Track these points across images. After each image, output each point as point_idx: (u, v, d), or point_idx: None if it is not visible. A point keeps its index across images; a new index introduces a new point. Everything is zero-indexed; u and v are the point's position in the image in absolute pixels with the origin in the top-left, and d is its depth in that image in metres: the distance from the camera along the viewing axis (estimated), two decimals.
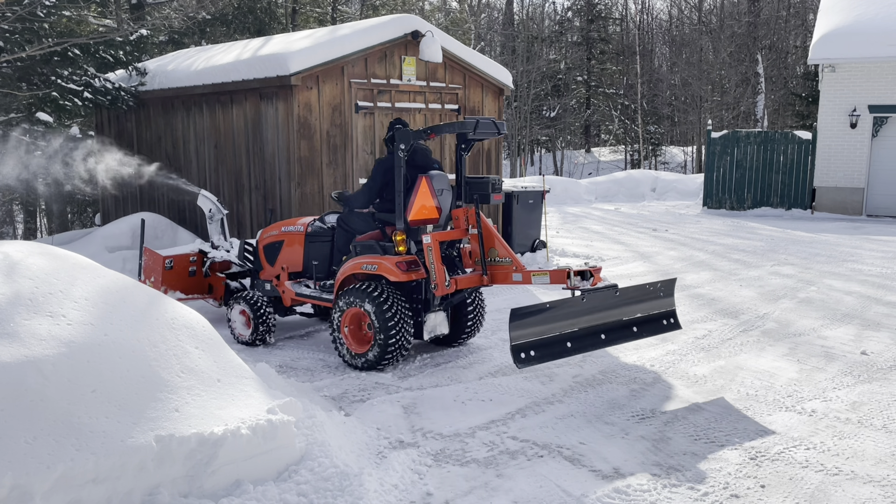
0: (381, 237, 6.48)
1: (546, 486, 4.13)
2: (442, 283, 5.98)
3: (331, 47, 9.42)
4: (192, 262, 7.86)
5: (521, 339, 5.14)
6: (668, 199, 21.61)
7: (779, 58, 33.25)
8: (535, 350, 5.18)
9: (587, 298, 5.41)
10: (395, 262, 6.02)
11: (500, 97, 11.71)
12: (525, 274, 5.97)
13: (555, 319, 5.30)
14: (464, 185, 6.45)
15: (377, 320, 5.97)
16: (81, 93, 11.02)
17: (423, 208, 6.21)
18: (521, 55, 33.24)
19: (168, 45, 16.73)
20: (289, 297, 7.07)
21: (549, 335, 5.27)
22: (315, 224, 7.10)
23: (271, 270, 7.30)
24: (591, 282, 5.57)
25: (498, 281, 6.17)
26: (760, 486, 4.13)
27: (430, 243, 5.99)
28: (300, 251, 7.09)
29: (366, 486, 3.87)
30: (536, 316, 5.22)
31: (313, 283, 6.98)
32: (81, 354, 3.66)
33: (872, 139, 16.87)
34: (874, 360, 6.32)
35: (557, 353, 5.34)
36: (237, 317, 7.12)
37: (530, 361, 5.17)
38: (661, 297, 5.96)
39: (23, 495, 3.09)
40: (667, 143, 38.41)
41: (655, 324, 5.92)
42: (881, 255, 11.46)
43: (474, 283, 6.24)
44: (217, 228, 8.04)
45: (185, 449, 3.61)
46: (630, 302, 5.73)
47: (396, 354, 6.10)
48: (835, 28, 16.91)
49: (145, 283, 7.50)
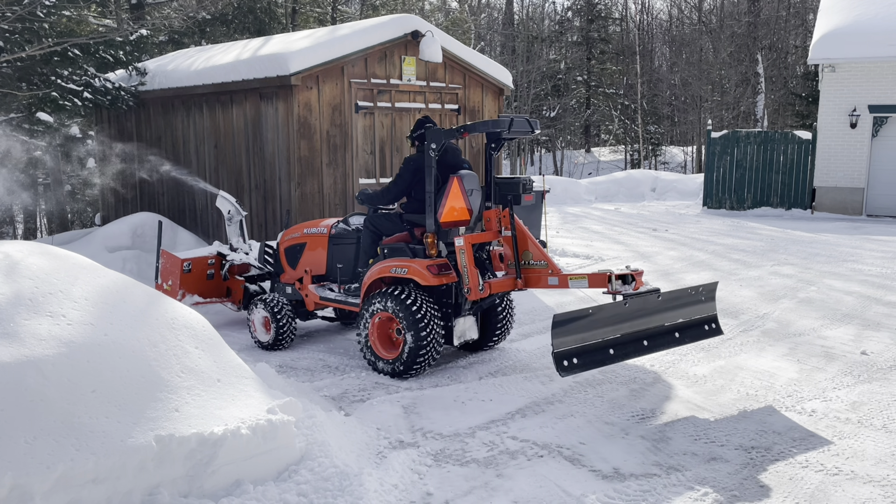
0: (410, 239, 6.28)
1: (546, 486, 4.13)
2: (475, 288, 5.79)
3: (331, 47, 9.42)
4: (211, 265, 7.67)
5: (563, 347, 4.93)
6: (667, 199, 21.60)
7: (779, 58, 33.25)
8: (577, 357, 4.97)
9: (629, 303, 5.21)
10: (426, 265, 5.83)
11: (500, 97, 11.71)
12: (562, 277, 5.76)
13: (597, 325, 5.09)
14: (493, 185, 6.27)
15: (408, 326, 5.77)
16: (81, 93, 11.02)
17: (454, 209, 6.02)
18: (521, 55, 33.25)
19: (168, 45, 16.74)
20: (312, 301, 6.88)
21: (591, 342, 5.06)
22: (339, 226, 6.92)
23: (293, 273, 7.12)
24: (633, 286, 5.35)
25: (532, 285, 5.97)
26: (760, 486, 4.13)
27: (463, 246, 5.80)
28: (323, 254, 6.91)
29: (366, 486, 3.87)
30: (579, 322, 5.00)
31: (337, 286, 6.79)
32: (81, 354, 3.66)
33: (872, 139, 16.86)
34: (874, 360, 6.32)
35: (600, 361, 5.12)
36: (258, 321, 6.96)
37: (573, 369, 4.95)
38: (703, 302, 5.75)
39: (23, 495, 3.09)
40: (667, 143, 38.41)
41: (697, 329, 5.71)
42: (881, 255, 11.46)
43: (508, 287, 6.04)
44: (236, 230, 7.84)
45: (185, 449, 3.61)
46: (672, 307, 5.52)
47: (427, 361, 5.89)
48: (835, 28, 16.90)
49: (162, 287, 7.41)
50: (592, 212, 18.64)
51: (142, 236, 10.32)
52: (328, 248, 6.88)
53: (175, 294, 7.35)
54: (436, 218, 5.92)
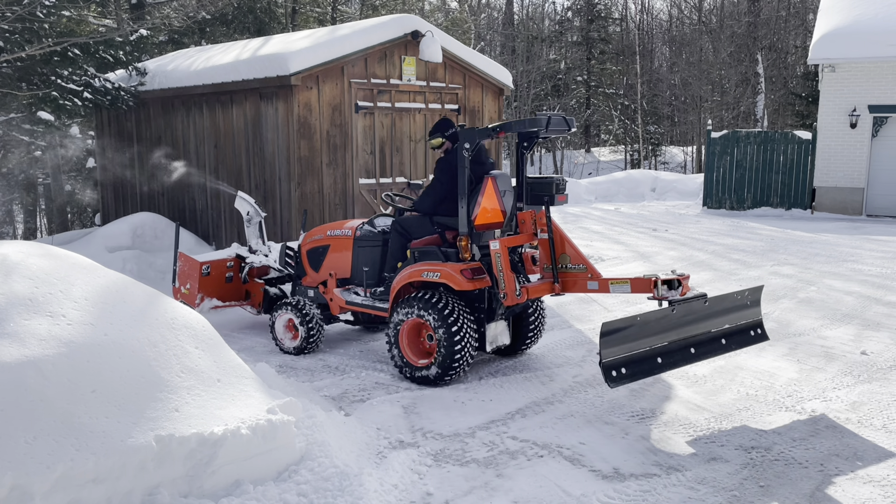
0: (441, 242, 6.08)
1: (546, 486, 4.13)
2: (512, 293, 5.56)
3: (331, 47, 9.42)
4: (229, 268, 7.48)
5: (612, 356, 4.74)
6: (667, 199, 21.60)
7: (779, 58, 33.26)
8: (625, 367, 4.79)
9: (677, 309, 5.01)
10: (460, 269, 5.63)
11: (500, 97, 11.71)
12: (602, 282, 5.52)
13: (645, 333, 4.91)
14: (525, 185, 6.06)
15: (441, 332, 5.60)
16: (81, 93, 11.02)
17: (487, 211, 5.83)
18: (521, 55, 33.24)
19: (168, 45, 16.73)
20: (337, 306, 6.66)
21: (639, 350, 4.88)
22: (364, 227, 6.72)
23: (315, 276, 6.93)
24: (679, 291, 5.15)
25: (570, 289, 5.74)
26: (760, 486, 4.13)
27: (499, 249, 5.57)
28: (348, 256, 6.72)
29: (366, 486, 3.87)
30: (627, 330, 4.82)
31: (363, 290, 6.58)
32: (81, 354, 3.66)
33: (872, 139, 16.86)
34: (874, 360, 6.32)
35: (648, 370, 4.93)
36: (283, 325, 6.78)
37: (622, 380, 4.77)
38: (749, 307, 5.56)
39: (23, 495, 3.09)
40: (667, 143, 38.41)
41: (743, 335, 5.51)
42: (881, 255, 11.45)
43: (545, 291, 5.78)
44: (255, 232, 7.64)
45: (185, 449, 3.61)
46: (719, 312, 5.32)
47: (461, 367, 5.72)
48: (835, 28, 16.90)
49: (180, 291, 7.25)
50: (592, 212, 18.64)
51: (142, 236, 10.32)
52: (353, 250, 6.69)
53: (193, 298, 7.19)
54: (469, 220, 5.74)
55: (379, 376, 6.11)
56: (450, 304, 5.65)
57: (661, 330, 5.00)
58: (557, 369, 6.18)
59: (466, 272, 5.63)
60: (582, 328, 7.54)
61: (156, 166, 11.14)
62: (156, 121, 11.36)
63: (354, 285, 6.73)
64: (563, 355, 6.59)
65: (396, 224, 6.37)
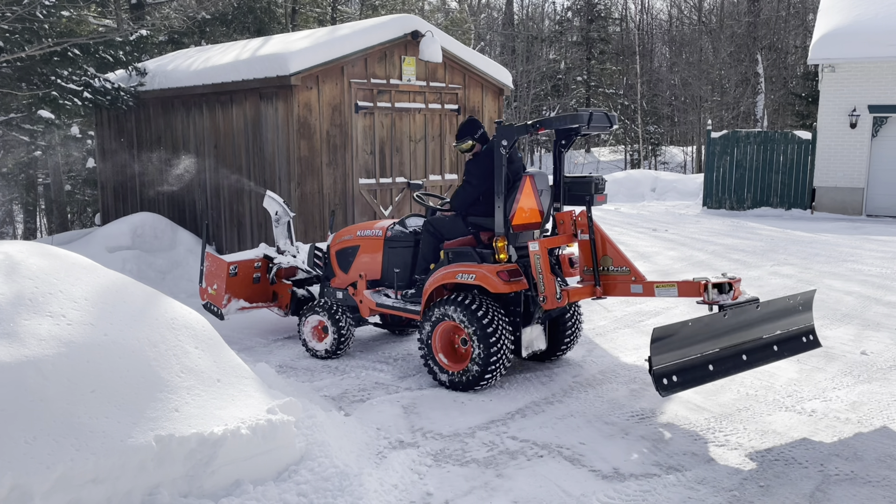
0: (476, 243, 5.93)
1: (546, 486, 4.13)
2: (552, 296, 5.38)
3: (331, 47, 9.42)
4: (257, 269, 7.32)
5: (663, 364, 4.56)
6: (667, 199, 21.60)
7: (779, 58, 33.26)
8: (677, 375, 4.60)
9: (729, 314, 4.84)
10: (496, 270, 5.45)
11: (500, 97, 11.71)
12: (646, 285, 5.34)
13: (696, 340, 4.73)
14: (562, 185, 5.84)
15: (477, 336, 5.44)
16: (81, 93, 11.02)
17: (525, 211, 5.65)
18: (520, 55, 33.25)
19: (168, 45, 16.73)
20: (367, 308, 6.51)
21: (690, 357, 4.70)
22: (395, 228, 6.55)
23: (344, 278, 6.78)
24: (731, 295, 4.96)
25: (612, 292, 5.55)
26: (760, 486, 4.13)
27: (539, 251, 5.40)
28: (378, 257, 6.56)
29: (366, 486, 3.87)
30: (677, 336, 4.64)
31: (394, 292, 6.41)
32: (81, 354, 3.67)
33: (872, 139, 16.86)
34: (874, 360, 6.32)
35: (700, 378, 4.73)
36: (312, 328, 6.66)
37: (674, 388, 4.59)
38: (800, 312, 5.38)
39: (23, 495, 3.09)
40: (667, 143, 38.41)
41: (796, 342, 5.33)
42: (881, 255, 11.45)
43: (586, 295, 5.60)
44: (283, 232, 7.46)
45: (185, 449, 3.61)
46: (770, 318, 5.15)
47: (497, 373, 5.54)
48: (835, 28, 16.91)
49: (207, 291, 7.13)
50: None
51: (142, 236, 10.32)
52: (383, 251, 6.52)
53: (220, 299, 7.06)
54: (506, 220, 5.57)
55: (379, 376, 6.11)
56: (485, 306, 5.48)
57: (713, 336, 4.82)
58: (557, 369, 6.18)
59: (503, 274, 5.45)
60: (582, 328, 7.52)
61: (157, 166, 11.13)
62: (156, 121, 11.36)
63: (385, 287, 6.57)
64: (563, 355, 6.58)
65: (428, 224, 6.20)
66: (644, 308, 8.10)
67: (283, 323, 7.88)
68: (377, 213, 10.14)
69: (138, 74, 11.30)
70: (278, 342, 7.26)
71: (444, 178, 11.01)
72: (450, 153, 11.02)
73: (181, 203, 11.13)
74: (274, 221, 7.48)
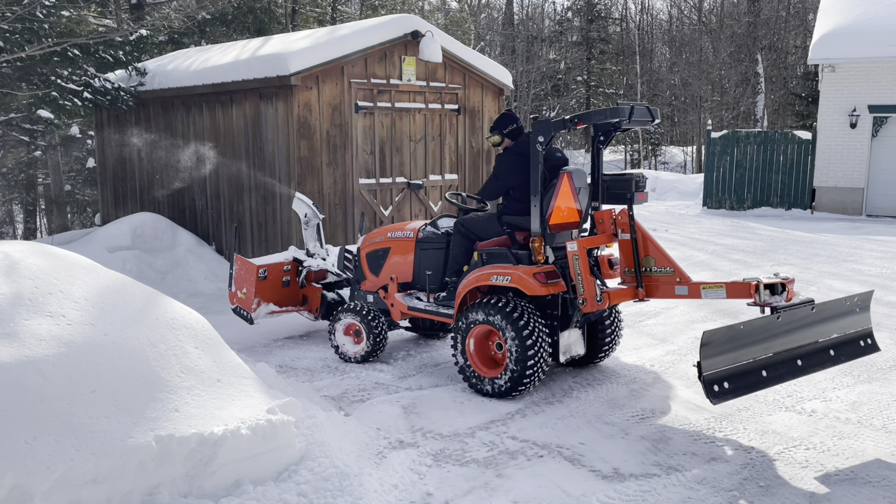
0: (511, 243, 5.73)
1: (546, 486, 4.13)
2: (592, 298, 5.17)
3: (331, 47, 9.42)
4: (286, 272, 7.19)
5: (714, 369, 4.32)
6: (667, 199, 21.60)
7: (779, 58, 33.27)
8: (728, 381, 4.37)
9: (782, 317, 4.60)
10: (532, 272, 5.25)
11: (500, 97, 11.71)
12: (692, 287, 5.10)
13: (748, 343, 4.50)
14: (601, 183, 5.61)
15: (513, 340, 5.25)
16: (81, 93, 11.02)
17: (562, 210, 5.43)
18: (520, 55, 33.23)
19: (168, 45, 16.73)
20: (398, 311, 6.35)
21: (741, 362, 4.46)
22: (427, 229, 6.39)
23: (375, 281, 6.62)
24: (784, 296, 4.72)
25: (655, 294, 5.32)
26: (760, 486, 4.13)
27: (577, 251, 5.18)
28: (410, 260, 6.38)
29: (366, 486, 3.87)
30: (729, 340, 4.42)
31: (426, 295, 6.23)
32: (81, 354, 3.67)
33: (872, 139, 16.86)
34: (874, 360, 6.32)
35: (753, 385, 4.52)
36: (345, 331, 6.52)
37: (725, 396, 4.35)
38: (857, 313, 5.12)
39: (23, 495, 3.09)
40: (667, 143, 38.42)
41: (853, 346, 5.04)
42: (881, 255, 11.45)
43: (628, 297, 5.36)
44: (313, 234, 7.33)
45: (184, 449, 3.61)
46: (826, 320, 4.89)
47: (534, 379, 5.36)
48: (835, 28, 16.91)
49: (236, 295, 7.05)
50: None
51: (142, 236, 10.32)
52: (415, 253, 6.35)
53: (250, 303, 6.94)
54: (543, 219, 5.37)
55: (379, 376, 6.11)
56: (521, 309, 5.30)
57: (766, 339, 4.58)
58: (558, 369, 6.18)
59: (539, 276, 5.25)
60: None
61: (158, 166, 11.13)
62: (156, 121, 11.36)
63: (416, 290, 6.41)
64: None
65: (459, 224, 6.01)
66: (644, 308, 8.09)
67: (283, 322, 7.88)
68: (377, 213, 10.14)
69: (138, 74, 11.30)
70: (278, 342, 7.26)
71: (444, 178, 11.01)
72: (450, 153, 11.02)
73: (181, 203, 11.13)
74: (303, 224, 7.36)
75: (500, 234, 5.82)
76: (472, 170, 11.38)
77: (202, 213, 10.81)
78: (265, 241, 9.85)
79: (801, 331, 4.75)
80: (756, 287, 4.72)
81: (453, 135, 11.03)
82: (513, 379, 5.32)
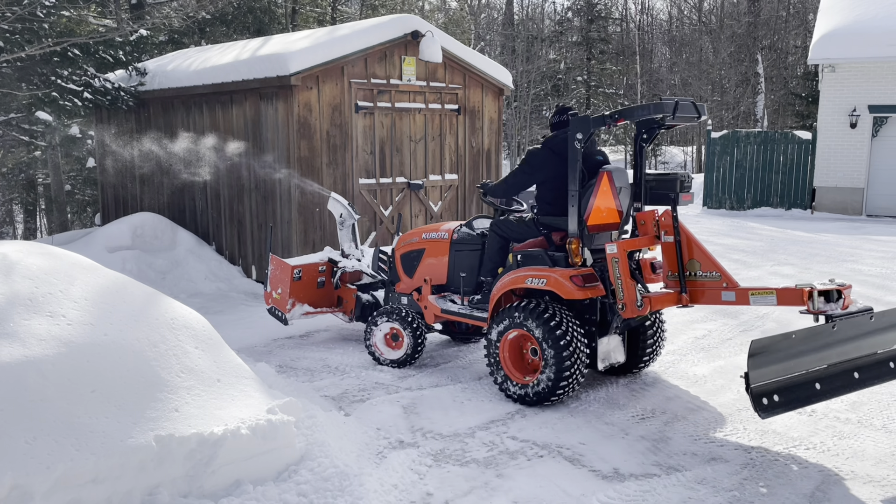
0: (547, 245, 5.53)
1: (546, 486, 4.13)
2: (632, 303, 4.97)
3: (331, 47, 9.42)
4: (321, 273, 7.12)
5: (762, 380, 4.09)
6: None
7: (779, 58, 33.28)
8: (778, 394, 4.12)
9: (838, 326, 4.32)
10: (569, 275, 5.06)
11: (500, 97, 11.71)
12: (740, 292, 4.86)
13: (800, 353, 4.23)
14: (643, 183, 5.40)
15: (548, 346, 5.06)
16: (81, 93, 11.02)
17: (601, 210, 5.22)
18: (520, 55, 33.23)
19: (168, 45, 16.74)
20: (432, 314, 6.20)
21: (793, 374, 4.21)
22: (462, 230, 6.23)
23: (409, 282, 6.48)
24: (840, 304, 4.45)
25: (700, 300, 5.08)
26: (760, 486, 4.13)
27: (617, 254, 4.97)
28: (444, 261, 6.23)
29: (366, 486, 3.87)
30: (779, 350, 4.17)
31: (460, 298, 6.08)
32: (81, 354, 3.67)
33: (872, 139, 16.87)
34: None
35: (805, 399, 4.28)
36: (384, 335, 6.37)
37: (775, 409, 4.11)
38: None
39: (23, 495, 3.09)
40: (667, 143, 38.42)
41: None
42: (881, 255, 11.45)
43: (670, 303, 5.12)
44: (348, 235, 7.24)
45: (185, 449, 3.61)
46: (886, 329, 4.58)
47: (570, 387, 5.16)
48: (835, 28, 16.91)
49: (271, 295, 7.02)
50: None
51: (142, 236, 10.32)
52: (449, 254, 6.19)
53: (285, 303, 6.89)
54: (581, 220, 5.16)
55: (379, 376, 6.11)
56: (557, 314, 5.11)
57: (819, 349, 4.30)
58: None
59: (577, 279, 5.05)
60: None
61: (158, 166, 11.13)
62: (156, 121, 11.36)
63: (451, 292, 6.27)
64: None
65: (495, 226, 5.85)
66: None
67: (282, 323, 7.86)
68: (377, 213, 10.14)
69: (138, 74, 11.30)
70: (278, 342, 7.26)
71: (445, 178, 11.01)
72: (450, 153, 11.02)
73: (181, 203, 11.13)
74: (339, 224, 7.28)
75: (536, 236, 5.64)
76: (473, 170, 11.37)
77: (202, 213, 10.81)
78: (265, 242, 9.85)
79: (857, 341, 4.46)
80: (809, 294, 4.47)
81: (453, 135, 11.03)
82: (547, 386, 5.14)
